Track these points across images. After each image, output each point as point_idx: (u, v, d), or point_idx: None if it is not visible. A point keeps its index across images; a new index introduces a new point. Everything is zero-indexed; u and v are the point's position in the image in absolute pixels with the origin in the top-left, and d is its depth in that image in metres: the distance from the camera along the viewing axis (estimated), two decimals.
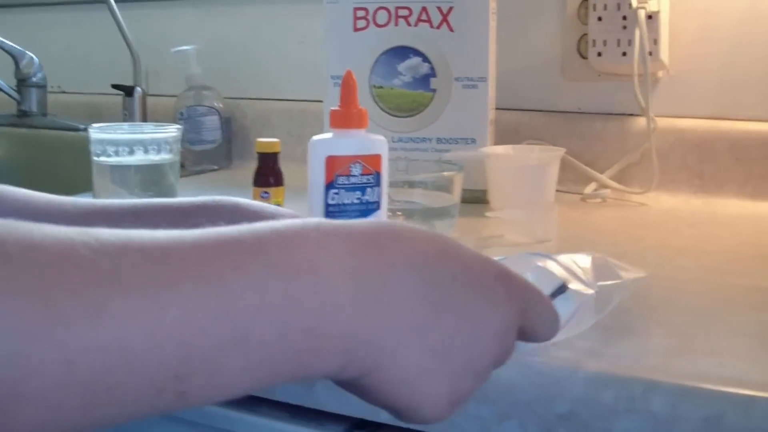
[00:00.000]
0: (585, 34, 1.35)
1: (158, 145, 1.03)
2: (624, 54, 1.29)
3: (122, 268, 0.35)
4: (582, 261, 0.65)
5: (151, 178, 1.03)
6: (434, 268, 0.44)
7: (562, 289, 0.60)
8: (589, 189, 1.29)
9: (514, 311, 0.48)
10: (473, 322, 0.46)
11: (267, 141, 1.13)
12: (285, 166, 1.15)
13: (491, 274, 0.47)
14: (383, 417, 0.66)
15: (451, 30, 1.22)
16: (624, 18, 1.29)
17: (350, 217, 0.84)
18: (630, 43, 1.28)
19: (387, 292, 0.42)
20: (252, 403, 0.74)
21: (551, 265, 0.62)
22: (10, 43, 1.71)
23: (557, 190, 1.18)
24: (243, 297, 0.37)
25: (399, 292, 0.42)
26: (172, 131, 1.04)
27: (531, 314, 0.51)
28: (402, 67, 1.25)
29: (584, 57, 1.36)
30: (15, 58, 1.72)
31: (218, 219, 0.64)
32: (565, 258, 0.63)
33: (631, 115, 1.34)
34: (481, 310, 0.46)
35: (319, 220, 0.43)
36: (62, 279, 0.33)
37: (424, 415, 0.45)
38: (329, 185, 0.83)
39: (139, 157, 1.02)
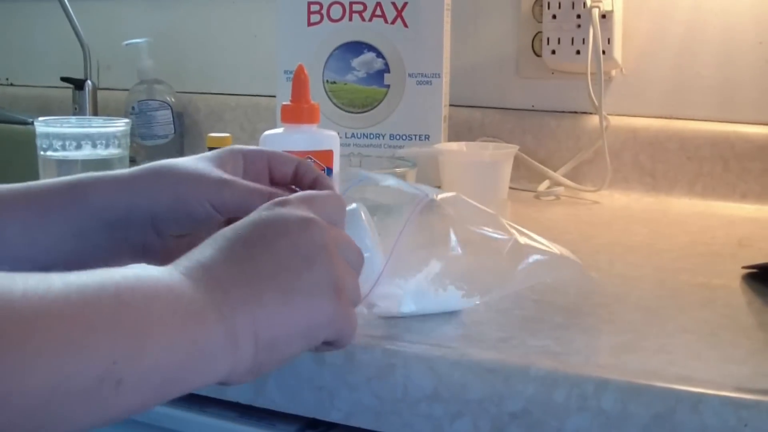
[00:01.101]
0: (539, 32, 1.36)
1: (106, 140, 1.01)
2: (578, 52, 1.30)
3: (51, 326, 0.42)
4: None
5: None
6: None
7: None
8: (543, 187, 1.30)
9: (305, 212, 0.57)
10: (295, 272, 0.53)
11: (218, 136, 1.12)
12: None
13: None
14: (335, 416, 0.66)
15: (406, 26, 1.22)
16: (578, 17, 1.29)
17: None
18: (584, 41, 1.28)
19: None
20: (201, 402, 0.73)
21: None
22: None
23: (511, 188, 1.18)
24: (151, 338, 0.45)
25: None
26: (120, 125, 1.03)
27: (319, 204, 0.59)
28: (356, 62, 1.24)
29: (538, 55, 1.37)
30: None
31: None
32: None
33: (585, 113, 1.34)
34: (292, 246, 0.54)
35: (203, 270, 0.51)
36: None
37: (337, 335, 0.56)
38: None
39: (86, 152, 1.01)
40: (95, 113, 1.64)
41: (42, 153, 1.01)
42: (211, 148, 1.09)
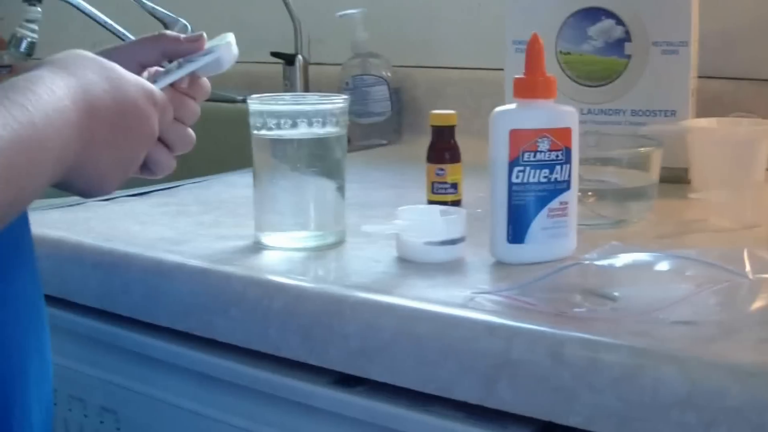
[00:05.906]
0: None
1: (323, 117, 1.04)
2: None
3: None
4: None
5: (316, 152, 1.04)
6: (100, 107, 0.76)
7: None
8: None
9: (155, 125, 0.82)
10: (125, 138, 0.79)
11: (442, 113, 1.13)
12: (461, 141, 1.15)
13: (141, 99, 0.80)
14: (574, 420, 0.66)
15: None
16: None
17: (537, 196, 0.84)
18: None
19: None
20: (424, 400, 0.75)
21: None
22: (162, 9, 1.76)
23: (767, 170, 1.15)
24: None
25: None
26: (338, 102, 1.06)
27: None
28: (592, 30, 1.24)
29: None
30: (166, 25, 1.76)
31: None
32: None
33: None
34: (131, 130, 0.79)
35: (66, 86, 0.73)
36: None
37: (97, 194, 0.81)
38: (513, 162, 0.83)
39: (302, 131, 1.03)
40: (306, 89, 1.69)
41: (255, 132, 1.04)
42: (434, 126, 1.11)
